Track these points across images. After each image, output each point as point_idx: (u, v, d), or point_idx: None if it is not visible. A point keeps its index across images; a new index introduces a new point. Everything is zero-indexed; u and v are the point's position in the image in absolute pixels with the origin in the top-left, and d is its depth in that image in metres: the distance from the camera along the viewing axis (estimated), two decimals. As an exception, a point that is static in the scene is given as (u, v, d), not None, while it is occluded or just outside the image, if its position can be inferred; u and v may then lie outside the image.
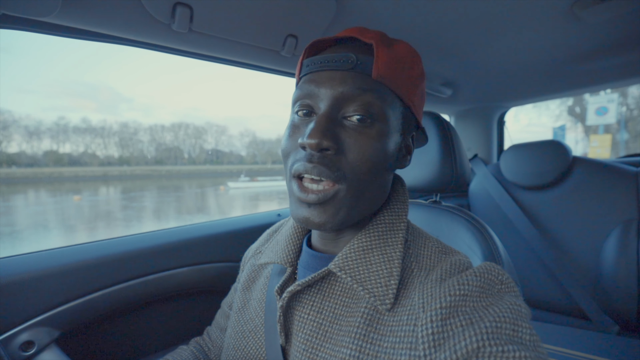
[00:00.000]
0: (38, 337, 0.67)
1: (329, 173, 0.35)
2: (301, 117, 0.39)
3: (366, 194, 0.38)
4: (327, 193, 0.36)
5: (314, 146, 0.34)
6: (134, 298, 0.81)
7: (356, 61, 0.37)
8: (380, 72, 0.37)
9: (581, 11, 0.72)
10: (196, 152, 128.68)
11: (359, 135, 0.36)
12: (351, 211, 0.37)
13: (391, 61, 0.38)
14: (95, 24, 0.60)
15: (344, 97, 0.37)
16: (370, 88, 0.37)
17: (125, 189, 29.96)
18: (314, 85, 0.38)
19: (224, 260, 0.97)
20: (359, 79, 0.37)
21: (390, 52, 0.38)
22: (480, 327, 0.29)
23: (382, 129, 0.37)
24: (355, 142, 0.36)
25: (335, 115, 0.37)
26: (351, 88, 0.36)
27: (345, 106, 0.37)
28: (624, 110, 13.38)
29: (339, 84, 0.37)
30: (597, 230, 1.19)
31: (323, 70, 0.38)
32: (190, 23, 0.61)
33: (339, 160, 0.36)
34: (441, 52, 0.94)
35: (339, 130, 0.37)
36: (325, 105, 0.37)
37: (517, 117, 21.58)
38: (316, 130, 0.35)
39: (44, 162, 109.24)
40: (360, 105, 0.36)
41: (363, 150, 0.36)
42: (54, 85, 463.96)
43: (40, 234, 10.81)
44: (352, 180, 0.36)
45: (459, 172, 0.71)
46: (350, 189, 0.36)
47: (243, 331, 0.48)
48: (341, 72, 0.37)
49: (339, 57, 0.37)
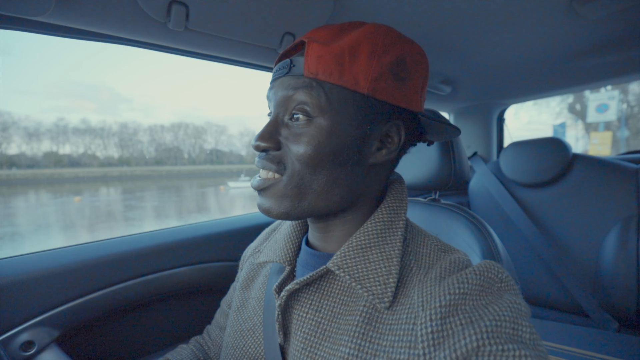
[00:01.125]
0: (38, 337, 0.67)
1: (270, 165, 0.39)
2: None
3: (313, 188, 0.38)
4: (266, 181, 0.40)
5: (255, 147, 0.40)
6: (133, 298, 0.81)
7: (290, 64, 0.39)
8: (310, 69, 0.36)
9: (581, 7, 0.72)
10: (196, 152, 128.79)
11: (298, 133, 0.38)
12: (298, 203, 0.39)
13: (325, 53, 0.36)
14: (90, 23, 0.59)
15: (283, 100, 0.39)
16: (301, 86, 0.37)
17: (126, 189, 29.98)
18: (268, 93, 0.43)
19: (223, 259, 0.97)
20: (293, 81, 0.38)
21: (323, 46, 0.36)
22: (480, 325, 0.29)
23: (321, 124, 0.37)
24: (295, 139, 0.38)
25: (282, 117, 0.40)
26: (287, 90, 0.39)
27: (287, 108, 0.39)
28: (624, 108, 13.37)
29: (279, 89, 0.40)
30: (596, 227, 1.19)
31: (274, 79, 0.42)
32: (186, 21, 0.60)
33: (280, 155, 0.39)
34: (440, 50, 0.94)
35: (283, 130, 0.40)
36: (273, 110, 0.41)
37: (517, 114, 21.60)
38: (259, 134, 0.39)
39: (44, 163, 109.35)
40: (296, 105, 0.38)
41: (300, 147, 0.37)
42: (53, 86, 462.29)
43: (41, 235, 10.83)
44: (293, 171, 0.38)
45: (458, 170, 0.71)
46: (290, 182, 0.38)
47: (242, 330, 0.48)
48: (282, 78, 0.40)
49: (282, 65, 0.40)
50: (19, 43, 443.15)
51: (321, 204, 0.40)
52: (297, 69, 0.38)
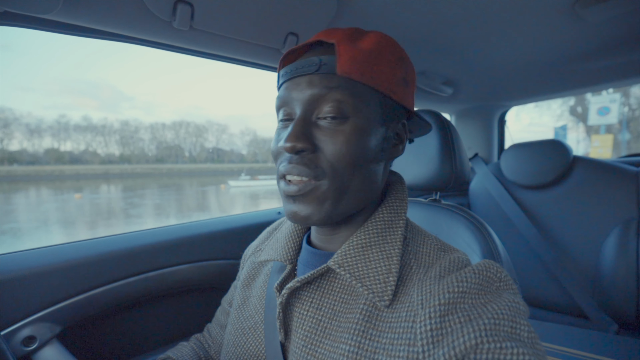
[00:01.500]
0: (40, 332, 0.67)
1: (308, 171, 0.37)
2: (283, 123, 0.41)
3: (351, 187, 0.39)
4: (307, 186, 0.37)
5: (289, 149, 0.37)
6: (135, 294, 0.81)
7: (319, 63, 0.38)
8: (344, 68, 0.37)
9: (582, 10, 0.72)
10: (197, 150, 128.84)
11: (334, 132, 0.38)
12: (337, 204, 0.38)
13: (356, 54, 0.38)
14: (97, 21, 0.60)
15: (314, 98, 0.38)
16: (336, 85, 0.37)
17: (126, 187, 30.01)
18: (287, 92, 0.40)
19: (224, 257, 0.97)
20: (325, 79, 0.38)
21: (354, 47, 0.38)
22: (479, 323, 0.29)
23: (356, 123, 0.38)
24: (331, 140, 0.37)
25: (310, 117, 0.39)
26: (319, 89, 0.38)
27: (317, 107, 0.38)
28: (626, 111, 13.33)
29: (307, 87, 0.38)
30: (596, 230, 1.19)
31: (293, 77, 0.40)
32: (191, 21, 0.61)
33: (316, 158, 0.38)
34: (442, 51, 0.94)
35: (315, 130, 0.38)
36: (299, 110, 0.39)
37: (518, 116, 21.52)
38: (291, 134, 0.37)
39: (45, 160, 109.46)
40: (330, 104, 0.38)
41: (339, 147, 0.37)
42: (55, 83, 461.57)
43: (41, 232, 10.85)
44: (333, 175, 0.37)
45: (458, 171, 0.71)
46: (332, 184, 0.37)
47: (243, 328, 0.49)
48: (308, 75, 0.39)
49: (305, 63, 0.39)
50: (20, 40, 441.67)
51: (356, 203, 0.40)
52: (328, 67, 0.38)
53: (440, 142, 0.71)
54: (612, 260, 1.13)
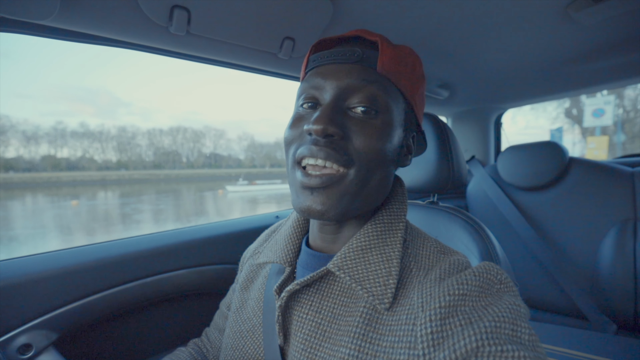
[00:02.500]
0: (36, 340, 0.67)
1: (337, 156, 0.35)
2: (306, 109, 0.40)
3: (371, 183, 0.38)
4: (333, 177, 0.36)
5: (319, 132, 0.35)
6: (132, 300, 0.80)
7: (362, 54, 0.38)
8: (385, 67, 0.38)
9: (576, 13, 0.73)
10: (194, 155, 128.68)
11: (364, 124, 0.37)
12: (355, 199, 0.37)
13: (395, 58, 0.39)
14: (93, 27, 0.60)
15: (349, 88, 0.38)
16: (375, 80, 0.38)
17: (124, 193, 29.85)
18: (320, 77, 0.39)
19: (222, 262, 0.97)
20: (364, 72, 0.38)
21: (394, 50, 0.39)
22: (480, 326, 0.29)
23: (386, 120, 0.38)
24: (361, 130, 0.37)
25: (341, 105, 0.38)
26: (356, 79, 0.37)
27: (350, 97, 0.38)
28: (620, 112, 13.47)
29: (345, 76, 0.38)
30: (594, 230, 1.19)
31: (330, 63, 0.39)
32: (187, 26, 0.61)
33: (346, 145, 0.36)
34: (438, 54, 0.95)
35: (344, 119, 0.37)
36: (330, 96, 0.38)
37: (514, 119, 21.72)
38: (322, 116, 0.35)
39: (41, 166, 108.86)
40: (365, 97, 0.37)
41: (369, 139, 0.37)
42: (52, 89, 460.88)
43: (38, 240, 10.74)
44: (360, 165, 0.37)
45: (456, 173, 0.71)
46: (358, 174, 0.37)
47: (241, 331, 0.48)
48: (347, 64, 0.38)
49: (345, 51, 0.39)
50: (17, 46, 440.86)
51: (370, 202, 0.40)
52: (369, 61, 0.38)
53: (437, 144, 0.71)
54: (609, 261, 1.14)
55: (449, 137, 0.72)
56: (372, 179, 0.38)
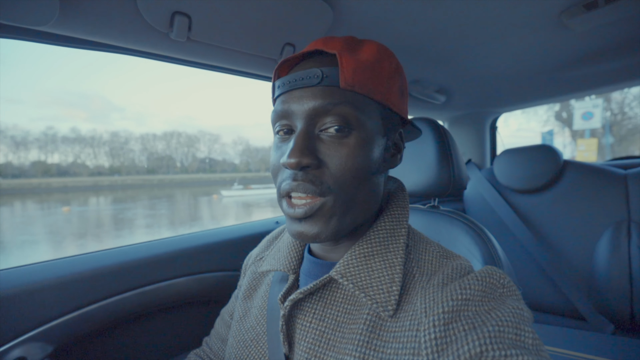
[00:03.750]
0: (31, 352, 0.65)
1: (314, 188, 0.36)
2: (281, 137, 0.40)
3: (356, 201, 0.38)
4: (313, 205, 0.36)
5: (294, 165, 0.35)
6: (130, 310, 0.79)
7: (322, 75, 0.37)
8: (348, 81, 0.37)
9: (569, 20, 0.75)
10: (189, 160, 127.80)
11: (338, 146, 0.37)
12: (343, 220, 0.37)
13: (358, 66, 0.37)
14: (93, 33, 0.59)
15: (317, 112, 0.37)
16: (340, 100, 0.36)
17: (116, 199, 29.46)
18: (286, 105, 0.38)
19: (222, 269, 0.96)
20: (328, 92, 0.37)
21: (355, 58, 0.38)
22: (483, 331, 0.29)
23: (360, 136, 0.37)
24: (335, 153, 0.36)
25: (312, 130, 0.37)
26: (322, 102, 0.36)
27: (320, 120, 0.37)
28: (608, 115, 13.76)
29: (310, 100, 0.37)
30: (589, 232, 1.21)
31: (293, 89, 0.38)
32: (188, 32, 0.61)
33: (321, 173, 0.36)
34: (435, 60, 0.96)
35: (318, 144, 0.37)
36: (301, 124, 0.38)
37: (507, 122, 22.08)
38: (294, 150, 0.35)
39: (31, 172, 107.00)
40: (334, 118, 0.37)
41: (344, 161, 0.36)
42: (43, 94, 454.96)
43: (27, 249, 10.52)
44: (338, 191, 0.36)
45: (456, 177, 0.72)
46: (337, 200, 0.37)
47: (244, 340, 0.48)
48: (310, 88, 0.37)
49: (306, 74, 0.38)
50: (7, 50, 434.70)
51: (361, 216, 0.40)
52: (330, 79, 0.37)
53: (438, 148, 0.72)
54: (605, 262, 1.15)
55: (448, 141, 0.72)
56: (357, 196, 0.38)
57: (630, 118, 12.85)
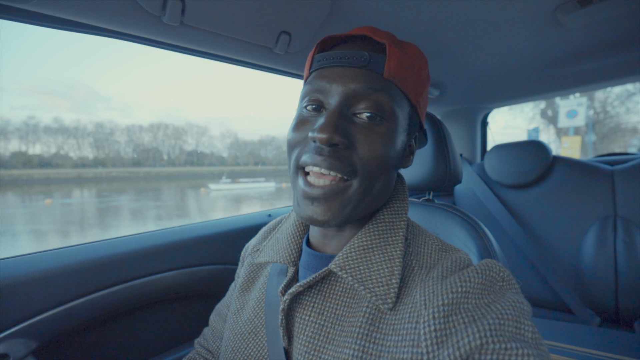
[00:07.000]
0: (13, 349, 0.62)
1: (341, 167, 0.35)
2: (310, 112, 0.39)
3: (374, 190, 0.38)
4: (334, 188, 0.36)
5: (324, 140, 0.34)
6: (118, 305, 0.77)
7: (369, 59, 0.37)
8: (392, 72, 0.37)
9: (563, 16, 0.75)
10: (176, 153, 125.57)
11: (370, 132, 0.37)
12: (357, 207, 0.38)
13: (402, 62, 0.38)
14: (80, 14, 0.56)
15: (355, 94, 0.37)
16: (381, 87, 0.37)
17: (100, 191, 28.78)
18: (325, 80, 0.38)
19: (213, 262, 0.94)
20: (370, 77, 0.37)
21: (401, 53, 0.39)
22: (483, 324, 0.29)
23: (390, 127, 0.38)
24: (366, 138, 0.36)
25: (346, 111, 0.37)
26: (363, 86, 0.37)
27: (355, 103, 0.37)
28: (591, 114, 14.16)
29: (351, 81, 0.37)
30: (576, 227, 1.24)
31: (335, 66, 0.38)
32: (181, 16, 0.58)
33: (349, 155, 0.36)
34: (431, 53, 0.96)
35: (349, 126, 0.37)
36: (335, 101, 0.37)
37: (494, 118, 22.48)
38: (327, 124, 0.35)
39: (11, 163, 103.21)
40: (371, 104, 0.37)
41: (374, 147, 0.36)
42: (24, 82, 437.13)
43: (5, 241, 10.18)
44: (364, 175, 0.37)
45: (452, 171, 0.72)
46: (361, 184, 0.37)
47: (242, 333, 0.47)
48: (353, 69, 0.37)
49: (352, 54, 0.38)
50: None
51: (373, 205, 0.40)
52: (375, 66, 0.37)
53: (435, 142, 0.72)
54: (591, 256, 1.19)
55: (445, 136, 0.73)
56: (375, 186, 0.38)
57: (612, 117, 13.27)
